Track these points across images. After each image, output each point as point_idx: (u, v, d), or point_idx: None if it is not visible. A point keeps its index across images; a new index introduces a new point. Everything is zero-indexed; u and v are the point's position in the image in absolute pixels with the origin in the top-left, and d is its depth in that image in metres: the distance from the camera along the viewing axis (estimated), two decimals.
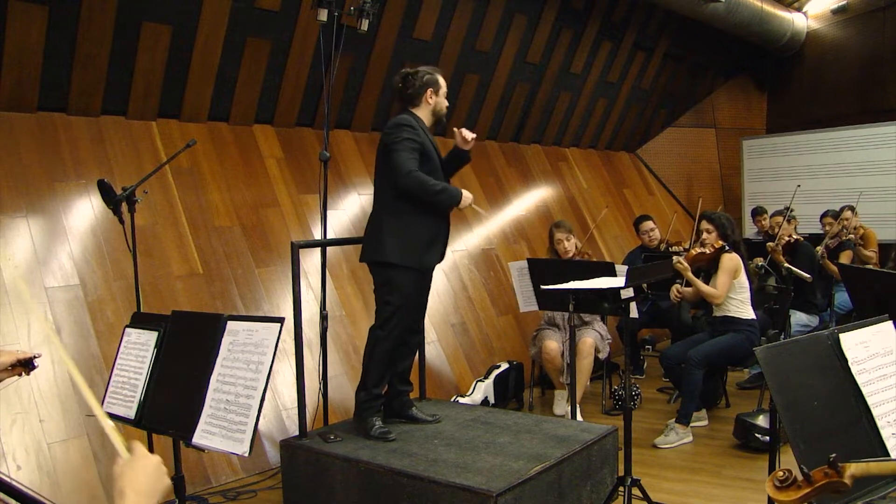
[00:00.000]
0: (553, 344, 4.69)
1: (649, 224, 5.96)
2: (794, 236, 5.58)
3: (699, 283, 4.35)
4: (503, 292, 5.80)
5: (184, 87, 4.48)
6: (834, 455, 1.30)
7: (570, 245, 4.89)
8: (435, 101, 3.44)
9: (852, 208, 6.29)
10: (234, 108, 4.78)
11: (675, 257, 4.46)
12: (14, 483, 1.14)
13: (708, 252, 4.35)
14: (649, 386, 5.46)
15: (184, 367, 2.41)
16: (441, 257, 3.49)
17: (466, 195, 3.35)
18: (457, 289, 5.58)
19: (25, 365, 1.96)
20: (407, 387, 3.58)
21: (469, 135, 3.43)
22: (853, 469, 1.29)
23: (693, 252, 4.38)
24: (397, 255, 3.30)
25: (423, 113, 3.42)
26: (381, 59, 5.32)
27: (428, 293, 3.60)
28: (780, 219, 5.83)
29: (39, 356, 2.01)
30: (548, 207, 6.96)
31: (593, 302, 3.63)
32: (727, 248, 4.34)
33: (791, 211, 5.92)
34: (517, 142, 7.14)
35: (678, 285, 4.58)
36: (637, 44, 7.52)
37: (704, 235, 4.44)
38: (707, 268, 4.43)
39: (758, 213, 7.08)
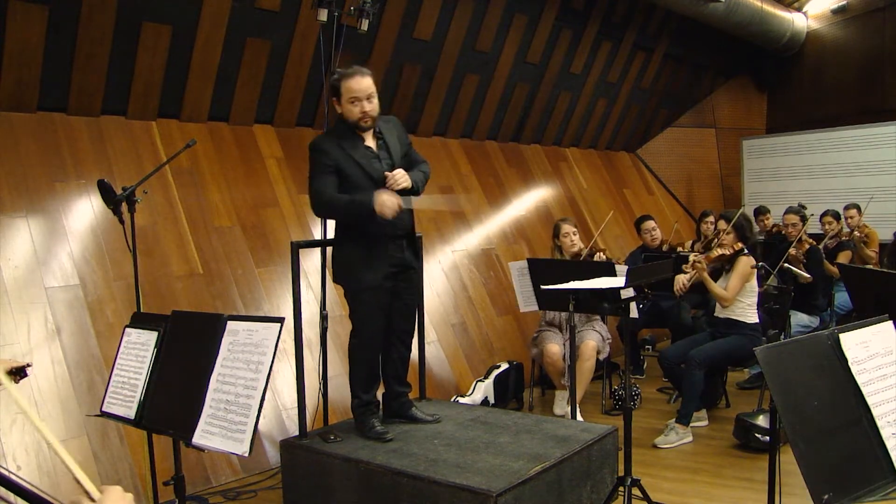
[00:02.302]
0: (555, 347, 4.68)
1: (651, 224, 5.96)
2: (810, 241, 5.46)
3: (712, 284, 4.34)
4: (503, 292, 5.79)
5: (184, 87, 4.48)
6: (827, 496, 1.28)
7: (576, 238, 4.89)
8: (340, 111, 3.12)
9: (858, 207, 6.29)
10: (234, 108, 4.78)
11: (693, 255, 4.44)
12: (14, 478, 1.14)
13: (727, 254, 4.34)
14: (649, 386, 5.45)
15: (184, 367, 2.41)
16: (390, 270, 3.18)
17: (383, 200, 2.92)
18: (457, 289, 5.58)
19: (16, 373, 1.98)
20: (405, 388, 3.55)
21: (395, 182, 2.99)
22: None
23: (713, 254, 4.36)
24: (341, 277, 3.28)
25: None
26: (381, 59, 5.32)
27: (410, 296, 3.40)
28: (795, 218, 5.50)
29: (30, 365, 2.04)
30: (548, 207, 6.96)
31: (593, 302, 3.63)
32: (746, 251, 4.32)
33: (804, 209, 5.70)
34: (517, 142, 7.14)
35: (684, 277, 4.43)
36: (637, 44, 7.52)
37: (722, 236, 4.42)
38: (720, 266, 4.43)
39: (760, 212, 7.09)
